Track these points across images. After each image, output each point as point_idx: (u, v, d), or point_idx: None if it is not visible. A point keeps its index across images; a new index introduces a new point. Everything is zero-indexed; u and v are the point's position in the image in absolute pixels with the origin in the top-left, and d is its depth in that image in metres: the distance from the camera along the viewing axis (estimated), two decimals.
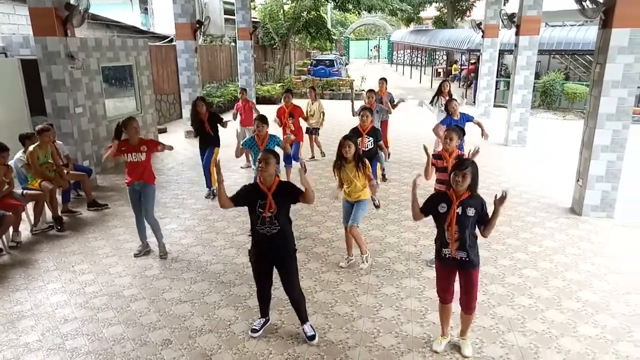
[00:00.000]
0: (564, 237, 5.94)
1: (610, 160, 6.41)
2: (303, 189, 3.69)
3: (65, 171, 6.60)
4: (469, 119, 6.93)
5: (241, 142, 6.04)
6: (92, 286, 4.83)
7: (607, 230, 6.19)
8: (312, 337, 3.91)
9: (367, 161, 4.90)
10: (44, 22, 6.95)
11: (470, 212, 3.47)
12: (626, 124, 6.27)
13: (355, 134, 6.02)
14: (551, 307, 4.38)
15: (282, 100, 8.20)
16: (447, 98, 8.62)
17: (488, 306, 4.40)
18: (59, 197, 6.72)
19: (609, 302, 4.47)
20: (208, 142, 7.25)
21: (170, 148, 5.53)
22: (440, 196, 3.62)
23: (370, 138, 6.11)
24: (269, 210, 3.62)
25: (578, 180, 6.79)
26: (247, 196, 3.75)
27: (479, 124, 7.18)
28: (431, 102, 9.31)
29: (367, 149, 6.07)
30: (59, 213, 6.43)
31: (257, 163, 3.67)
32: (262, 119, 5.80)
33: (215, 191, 7.45)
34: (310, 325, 3.98)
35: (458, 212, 3.46)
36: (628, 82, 6.13)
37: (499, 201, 3.44)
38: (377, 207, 6.73)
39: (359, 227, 5.02)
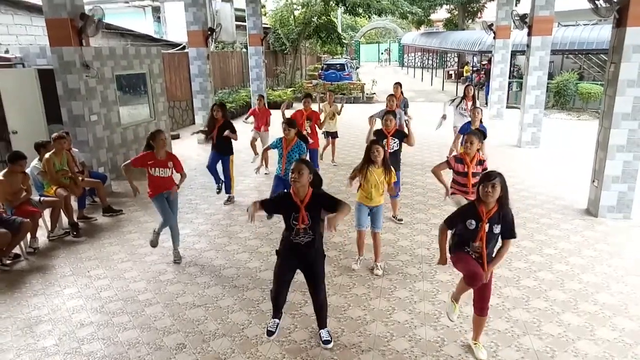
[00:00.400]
0: (579, 239, 5.85)
1: (627, 160, 6.30)
2: (340, 202, 3.65)
3: (81, 178, 6.71)
4: (483, 129, 6.78)
5: (271, 143, 6.14)
6: (108, 291, 4.90)
7: (624, 231, 6.08)
8: (328, 342, 3.90)
9: (393, 169, 4.89)
10: (60, 33, 7.09)
11: (497, 229, 3.45)
12: None
13: (380, 135, 6.03)
14: (567, 310, 4.32)
15: (302, 104, 8.26)
16: (472, 103, 8.58)
17: (503, 309, 4.35)
18: (74, 204, 6.83)
19: (627, 304, 4.39)
20: (220, 148, 7.26)
21: (184, 178, 5.70)
22: (469, 212, 3.51)
23: (396, 140, 6.05)
24: (303, 223, 3.62)
25: (593, 181, 6.69)
26: (279, 206, 3.74)
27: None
28: (452, 102, 9.24)
29: (392, 150, 6.02)
30: (75, 219, 6.53)
31: (290, 173, 3.60)
32: (290, 123, 5.91)
33: (232, 198, 7.51)
34: (328, 332, 3.98)
35: (486, 229, 3.42)
36: None
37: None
38: (400, 220, 6.55)
39: (380, 233, 5.06)
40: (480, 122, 6.89)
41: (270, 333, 3.99)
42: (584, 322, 4.14)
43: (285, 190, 3.79)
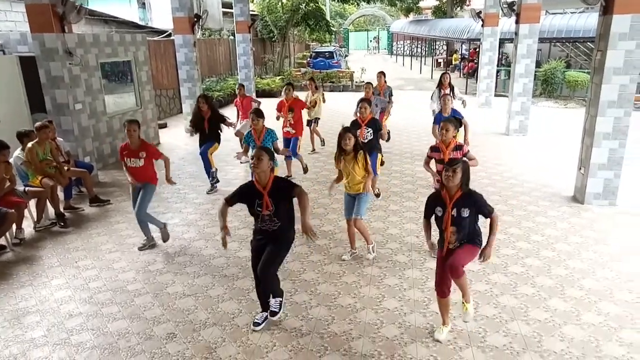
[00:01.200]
0: (566, 226, 5.93)
1: (613, 147, 6.38)
2: (297, 190, 3.70)
3: (66, 168, 6.60)
4: (458, 116, 6.80)
5: (243, 140, 6.06)
6: (96, 281, 4.85)
7: (609, 218, 6.18)
8: (274, 314, 3.96)
9: (365, 153, 4.87)
10: (41, 19, 6.92)
11: (465, 212, 3.50)
12: (628, 111, 6.24)
13: (354, 125, 6.04)
14: (554, 296, 4.39)
15: (283, 93, 8.13)
16: (450, 90, 8.59)
17: (491, 295, 4.41)
18: (60, 194, 6.73)
19: (612, 289, 4.47)
20: (207, 138, 7.20)
21: (167, 162, 5.60)
22: (435, 199, 3.65)
23: (370, 129, 6.09)
24: (267, 209, 3.63)
25: (580, 169, 6.77)
26: (243, 196, 3.78)
27: (465, 126, 6.80)
28: (432, 97, 9.23)
29: (366, 139, 6.07)
30: (61, 209, 6.44)
31: (250, 160, 3.65)
32: (257, 113, 5.82)
33: (215, 183, 7.46)
34: (280, 302, 4.01)
35: (453, 214, 3.50)
36: (629, 68, 6.09)
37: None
38: (378, 195, 6.73)
39: (363, 219, 5.02)
40: (463, 103, 6.95)
41: (255, 324, 4.00)
42: (570, 307, 4.21)
43: (250, 180, 3.84)
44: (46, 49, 7.07)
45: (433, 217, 3.71)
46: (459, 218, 3.51)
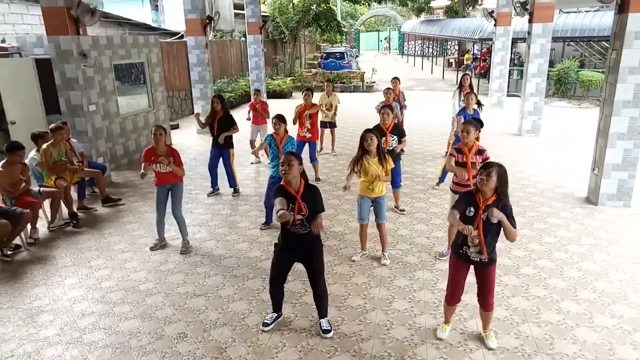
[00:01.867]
0: (579, 227, 5.86)
1: (627, 148, 6.28)
2: (322, 211, 3.70)
3: (80, 168, 6.69)
4: (478, 116, 6.76)
5: (264, 138, 6.08)
6: (109, 281, 4.91)
7: (624, 219, 6.08)
8: (327, 331, 3.92)
9: (389, 156, 4.84)
10: (56, 22, 7.03)
11: (494, 219, 3.40)
12: None
13: (378, 132, 5.95)
14: (566, 298, 4.33)
15: (303, 98, 8.15)
16: (472, 90, 8.55)
17: (502, 297, 4.37)
18: (74, 194, 6.83)
19: (625, 292, 4.41)
20: (219, 144, 7.21)
21: (182, 173, 5.55)
22: (470, 198, 3.52)
23: (394, 136, 5.89)
24: (300, 213, 3.62)
25: (594, 169, 6.67)
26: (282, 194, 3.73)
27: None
28: (452, 97, 9.21)
29: (391, 147, 5.86)
30: (75, 210, 6.53)
31: (280, 166, 3.62)
32: (280, 118, 5.79)
33: (237, 190, 7.47)
34: (328, 321, 4.00)
35: (483, 217, 3.41)
36: None
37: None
38: (403, 211, 6.49)
39: (385, 224, 5.06)
40: (479, 104, 6.88)
41: (265, 325, 4.01)
42: (583, 309, 4.15)
43: (280, 185, 3.76)
44: (61, 51, 7.19)
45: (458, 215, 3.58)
46: (487, 223, 3.42)
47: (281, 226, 3.79)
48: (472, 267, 3.62)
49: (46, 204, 6.29)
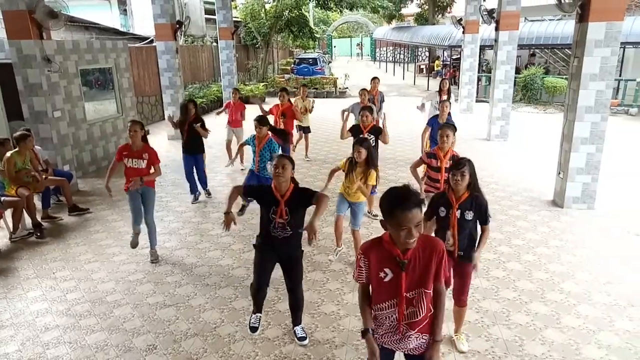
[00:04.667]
0: (546, 230, 6.01)
1: (590, 152, 6.50)
2: (317, 195, 3.63)
3: (44, 176, 6.47)
4: (451, 122, 6.85)
5: (245, 139, 6.18)
6: (74, 293, 4.75)
7: (588, 221, 6.28)
8: (303, 339, 3.89)
9: (373, 172, 4.82)
10: (18, 25, 6.80)
11: (469, 215, 3.44)
12: (604, 116, 6.38)
13: (356, 131, 6.03)
14: (535, 300, 4.43)
15: (278, 98, 8.16)
16: (447, 97, 8.69)
17: (473, 300, 4.43)
18: (38, 204, 6.60)
19: (590, 292, 4.54)
20: (191, 147, 7.13)
21: (159, 174, 5.44)
22: (440, 199, 3.55)
23: (372, 136, 6.02)
24: (281, 218, 3.57)
25: (559, 173, 6.88)
26: (260, 197, 3.69)
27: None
28: (431, 102, 9.33)
29: None
30: (39, 219, 6.31)
31: (272, 169, 3.56)
32: (260, 121, 5.84)
33: (209, 191, 7.44)
34: (303, 328, 3.96)
35: (457, 215, 3.45)
36: (605, 75, 6.23)
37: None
38: (375, 216, 6.51)
39: (359, 231, 5.07)
40: (449, 115, 6.98)
41: (253, 329, 3.86)
42: (551, 310, 4.25)
43: (268, 185, 3.72)
44: (23, 56, 6.95)
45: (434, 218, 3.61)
46: (462, 220, 3.44)
47: (260, 228, 3.73)
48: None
49: (8, 213, 6.05)
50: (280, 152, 6.74)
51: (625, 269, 4.97)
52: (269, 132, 6.04)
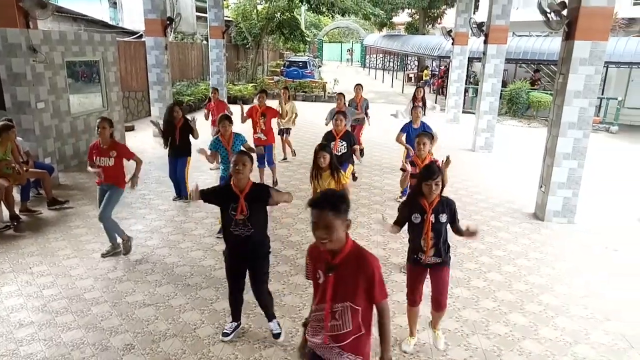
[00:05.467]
0: (527, 242, 6.10)
1: (572, 167, 6.63)
2: (273, 191, 3.69)
3: (25, 168, 6.33)
4: (428, 129, 6.90)
5: (209, 145, 5.96)
6: (51, 289, 4.64)
7: (567, 235, 6.40)
8: (278, 335, 3.91)
9: (341, 171, 4.88)
10: (3, 13, 6.66)
11: (443, 218, 3.50)
12: (587, 132, 6.52)
13: (328, 137, 6.06)
14: (514, 310, 4.49)
15: (256, 100, 8.08)
16: (424, 104, 8.79)
17: (454, 309, 4.46)
18: (17, 196, 6.45)
19: (568, 305, 4.62)
20: (178, 150, 7.03)
21: (140, 162, 5.39)
22: (412, 206, 3.58)
23: (344, 142, 6.09)
24: (241, 214, 3.57)
25: (541, 187, 7.00)
26: (218, 196, 3.72)
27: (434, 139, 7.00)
28: (406, 108, 9.44)
29: (339, 152, 6.05)
30: (17, 212, 6.16)
31: (232, 165, 3.58)
32: (228, 118, 5.78)
33: (184, 197, 7.29)
34: (278, 323, 3.98)
35: (432, 220, 3.49)
36: (589, 92, 6.37)
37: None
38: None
39: None
40: (422, 122, 7.04)
41: (225, 334, 3.93)
42: (529, 321, 4.31)
43: (226, 183, 3.76)
44: (8, 44, 6.80)
45: (406, 225, 3.64)
46: (437, 224, 3.49)
47: (224, 227, 3.72)
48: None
49: None
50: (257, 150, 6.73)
51: (603, 284, 5.07)
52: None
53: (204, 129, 9.41)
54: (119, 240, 5.39)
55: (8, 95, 7.04)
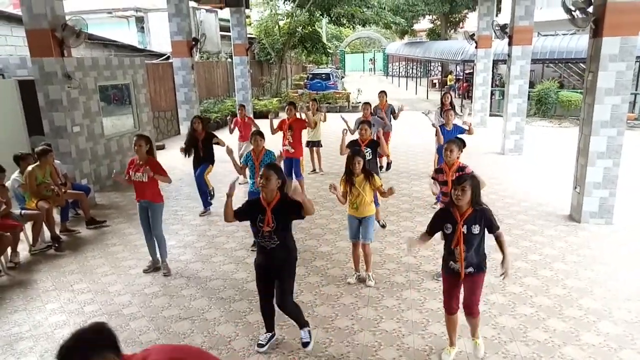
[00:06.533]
0: (563, 245, 5.93)
1: (607, 166, 6.43)
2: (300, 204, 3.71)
3: (64, 190, 6.60)
4: (461, 131, 6.88)
5: (241, 160, 6.10)
6: (91, 305, 4.80)
7: (606, 236, 6.18)
8: (306, 344, 3.92)
9: (375, 175, 4.89)
10: (40, 43, 7.01)
11: (476, 229, 3.43)
12: (621, 130, 6.31)
13: (354, 145, 6.07)
14: (553, 316, 4.36)
15: (285, 112, 8.23)
16: (453, 109, 8.73)
17: (490, 316, 4.38)
18: (57, 217, 6.72)
19: (610, 309, 4.45)
20: (201, 160, 7.24)
21: (168, 181, 5.50)
22: (444, 216, 3.56)
23: (369, 149, 6.09)
24: (268, 226, 3.63)
25: (575, 187, 6.80)
26: (248, 211, 3.79)
27: (469, 128, 7.02)
28: (434, 115, 9.37)
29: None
30: (57, 232, 6.42)
31: (259, 179, 3.68)
32: (260, 134, 5.84)
33: (211, 200, 7.49)
34: (309, 332, 3.98)
35: (463, 231, 3.43)
36: (621, 89, 6.19)
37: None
38: (383, 226, 6.61)
39: (371, 244, 5.05)
40: (455, 124, 6.97)
41: (260, 345, 3.97)
42: (569, 327, 4.18)
43: (257, 197, 3.83)
44: (45, 73, 7.15)
45: (440, 233, 3.61)
46: (469, 235, 3.43)
47: (255, 245, 3.81)
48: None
49: (28, 226, 6.17)
50: (282, 164, 6.78)
51: None
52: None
53: (233, 140, 9.59)
54: (159, 257, 5.54)
55: (46, 121, 7.38)
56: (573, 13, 6.49)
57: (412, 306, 4.61)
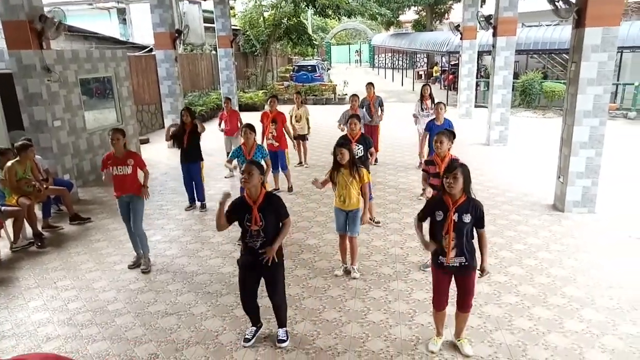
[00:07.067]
0: (547, 234, 6.01)
1: (589, 156, 6.52)
2: (286, 219, 3.75)
3: (45, 186, 6.47)
4: (450, 125, 6.87)
5: (230, 154, 6.01)
6: (75, 302, 4.73)
7: (589, 225, 6.28)
8: (282, 341, 3.93)
9: (363, 169, 4.86)
10: (18, 35, 6.83)
11: (467, 218, 3.44)
12: (603, 120, 6.40)
13: (344, 141, 6.01)
14: (537, 304, 4.42)
15: (268, 105, 8.13)
16: (431, 101, 8.75)
17: (475, 305, 4.39)
18: (39, 213, 6.59)
19: (593, 296, 4.53)
20: (189, 155, 7.12)
21: (147, 175, 5.43)
22: (436, 202, 3.57)
23: (360, 146, 5.99)
24: (256, 224, 3.60)
25: (559, 177, 6.89)
26: (235, 211, 3.73)
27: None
28: (415, 109, 9.36)
29: (356, 156, 5.98)
30: (40, 229, 6.30)
31: (241, 174, 3.63)
32: (250, 127, 5.77)
33: (205, 205, 7.36)
34: (286, 331, 4.00)
35: (454, 218, 3.44)
36: (603, 79, 6.26)
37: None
38: (378, 223, 6.46)
39: (357, 237, 5.04)
40: (446, 119, 6.97)
41: (246, 340, 3.96)
42: (553, 315, 4.24)
43: (241, 195, 3.78)
44: (23, 66, 6.98)
45: (428, 221, 3.62)
46: (460, 223, 3.43)
47: (242, 243, 3.77)
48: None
49: (8, 223, 6.05)
50: (276, 158, 6.72)
51: (628, 273, 4.96)
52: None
53: (218, 139, 9.52)
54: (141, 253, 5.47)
55: (25, 115, 7.21)
56: (556, 4, 6.53)
57: (399, 297, 4.63)
